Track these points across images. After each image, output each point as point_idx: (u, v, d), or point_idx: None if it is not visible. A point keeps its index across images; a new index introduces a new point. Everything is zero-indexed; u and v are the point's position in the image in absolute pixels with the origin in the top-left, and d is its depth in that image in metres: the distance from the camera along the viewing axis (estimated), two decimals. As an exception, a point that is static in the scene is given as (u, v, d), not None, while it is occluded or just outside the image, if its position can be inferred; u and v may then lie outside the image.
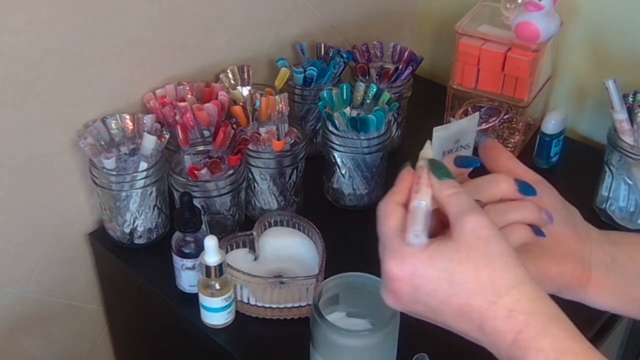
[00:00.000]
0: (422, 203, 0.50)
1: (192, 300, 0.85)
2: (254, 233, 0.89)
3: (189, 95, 0.97)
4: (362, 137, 0.95)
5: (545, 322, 0.46)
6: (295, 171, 0.97)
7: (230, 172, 0.90)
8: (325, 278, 0.74)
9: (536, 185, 0.56)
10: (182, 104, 0.94)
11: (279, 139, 0.94)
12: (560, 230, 0.56)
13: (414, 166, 0.56)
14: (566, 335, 0.46)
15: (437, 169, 0.53)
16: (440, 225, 0.52)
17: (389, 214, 0.51)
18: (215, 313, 0.82)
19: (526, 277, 0.48)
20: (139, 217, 0.93)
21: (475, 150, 0.61)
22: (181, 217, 0.83)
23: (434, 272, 0.48)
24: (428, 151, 0.56)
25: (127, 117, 0.91)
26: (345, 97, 0.98)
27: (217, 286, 0.81)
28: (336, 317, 0.73)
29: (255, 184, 0.97)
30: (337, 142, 0.96)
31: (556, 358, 0.45)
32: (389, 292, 0.51)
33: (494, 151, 0.58)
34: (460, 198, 0.50)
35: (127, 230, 0.94)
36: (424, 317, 0.51)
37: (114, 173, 0.88)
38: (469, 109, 1.14)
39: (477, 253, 0.47)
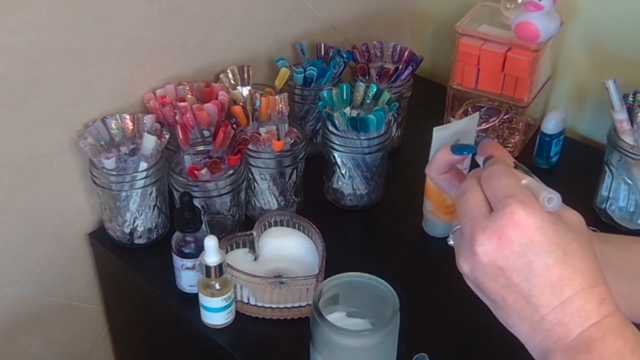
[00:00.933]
0: (535, 181, 0.52)
1: (192, 300, 0.85)
2: (254, 233, 0.89)
3: (189, 95, 0.97)
4: (362, 137, 0.95)
5: (626, 319, 0.49)
6: (295, 171, 0.97)
7: (230, 172, 0.90)
8: (325, 278, 0.74)
9: None
10: (182, 104, 0.94)
11: (279, 139, 0.94)
12: None
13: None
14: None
15: (524, 169, 0.54)
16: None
17: (509, 171, 0.52)
18: (215, 313, 0.82)
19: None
20: (139, 217, 0.93)
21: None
22: (181, 217, 0.83)
23: (555, 235, 0.48)
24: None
25: (127, 117, 0.91)
26: (345, 97, 0.98)
27: (217, 286, 0.81)
28: (336, 317, 0.73)
29: (255, 184, 0.97)
30: (337, 142, 0.96)
31: (635, 347, 0.47)
32: (497, 237, 0.48)
33: (492, 150, 0.59)
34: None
35: (127, 230, 0.94)
36: (506, 280, 0.49)
37: (114, 173, 0.88)
38: (469, 109, 1.14)
39: (585, 241, 0.50)
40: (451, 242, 0.54)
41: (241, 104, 0.95)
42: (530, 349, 0.50)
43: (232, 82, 1.03)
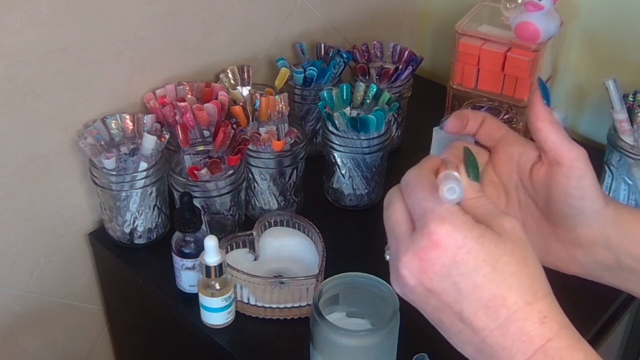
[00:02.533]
0: (454, 172, 0.47)
1: (192, 300, 0.85)
2: (254, 233, 0.89)
3: (189, 95, 0.97)
4: (362, 137, 0.95)
5: (575, 338, 0.45)
6: (295, 171, 0.97)
7: (230, 172, 0.90)
8: (325, 278, 0.74)
9: (568, 166, 0.52)
10: (182, 104, 0.94)
11: (279, 139, 0.94)
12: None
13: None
14: (594, 355, 0.45)
15: (471, 166, 0.49)
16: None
17: (425, 177, 0.47)
18: (215, 313, 0.82)
19: (552, 292, 0.47)
20: (139, 217, 0.93)
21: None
22: (181, 217, 0.83)
23: (481, 251, 0.44)
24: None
25: (127, 117, 0.91)
26: (345, 97, 0.98)
27: (217, 286, 0.81)
28: (336, 317, 0.73)
29: (255, 184, 0.97)
30: (337, 142, 0.96)
31: None
32: (419, 260, 0.45)
33: (534, 108, 0.53)
34: (487, 201, 0.48)
35: (127, 230, 0.94)
36: (437, 302, 0.46)
37: (114, 173, 0.88)
38: (469, 109, 1.14)
39: (519, 252, 0.45)
40: (388, 257, 0.51)
41: (241, 104, 0.95)
42: None
43: (232, 82, 1.03)
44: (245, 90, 1.01)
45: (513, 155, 0.55)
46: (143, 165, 0.88)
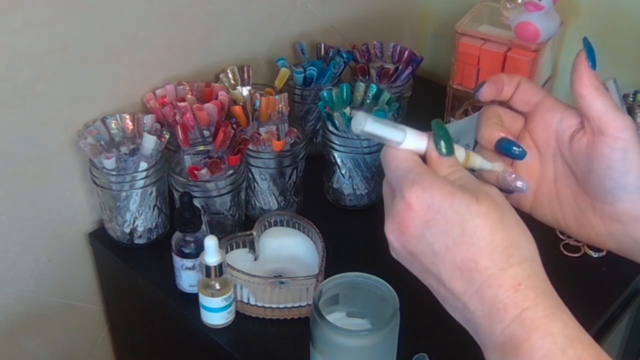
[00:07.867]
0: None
1: (192, 300, 0.85)
2: (254, 233, 0.89)
3: (189, 95, 0.97)
4: (362, 137, 0.95)
5: (554, 306, 0.42)
6: (295, 171, 0.97)
7: (230, 172, 0.90)
8: (325, 278, 0.74)
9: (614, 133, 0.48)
10: (182, 104, 0.94)
11: (279, 139, 0.94)
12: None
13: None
14: (574, 324, 0.42)
15: (444, 139, 0.49)
16: None
17: (400, 151, 0.50)
18: (215, 313, 0.82)
19: (538, 257, 0.44)
20: (139, 217, 0.93)
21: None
22: (181, 217, 0.83)
23: (449, 211, 0.43)
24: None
25: (127, 117, 0.91)
26: (345, 97, 0.98)
27: (217, 286, 0.81)
28: (336, 317, 0.73)
29: (255, 184, 0.97)
30: (337, 142, 0.96)
31: (565, 345, 0.41)
32: (397, 223, 0.46)
33: (577, 72, 0.50)
34: (464, 173, 0.47)
35: (127, 230, 0.94)
36: (420, 265, 0.46)
37: (114, 173, 0.88)
38: (469, 109, 1.14)
39: (494, 215, 0.43)
40: None
41: (241, 104, 0.95)
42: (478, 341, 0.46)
43: (232, 82, 1.03)
44: (245, 90, 1.01)
45: (552, 122, 0.53)
46: (143, 165, 0.88)
